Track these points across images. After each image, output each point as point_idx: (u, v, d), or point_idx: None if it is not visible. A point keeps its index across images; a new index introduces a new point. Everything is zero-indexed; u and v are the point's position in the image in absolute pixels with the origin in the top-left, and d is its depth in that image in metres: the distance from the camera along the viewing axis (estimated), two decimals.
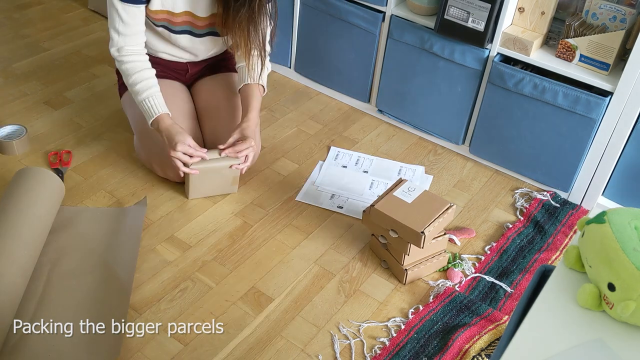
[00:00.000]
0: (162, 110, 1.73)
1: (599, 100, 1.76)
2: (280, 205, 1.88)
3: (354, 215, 1.85)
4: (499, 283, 1.69)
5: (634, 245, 0.81)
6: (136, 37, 1.71)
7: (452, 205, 1.62)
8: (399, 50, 2.08)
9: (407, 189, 1.66)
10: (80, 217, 1.73)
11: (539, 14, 1.84)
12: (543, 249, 1.80)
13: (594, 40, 1.75)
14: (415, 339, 1.52)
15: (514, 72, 1.86)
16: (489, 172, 2.09)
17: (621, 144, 1.81)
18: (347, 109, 2.32)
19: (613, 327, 0.84)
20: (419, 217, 1.58)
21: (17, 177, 1.66)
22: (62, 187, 1.71)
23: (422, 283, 1.68)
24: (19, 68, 2.37)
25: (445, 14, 1.89)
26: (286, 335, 1.51)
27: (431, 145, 2.18)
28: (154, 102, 1.72)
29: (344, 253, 1.74)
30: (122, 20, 1.65)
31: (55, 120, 2.12)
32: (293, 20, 2.29)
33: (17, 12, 2.73)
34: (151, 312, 1.52)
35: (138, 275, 1.61)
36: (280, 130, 2.18)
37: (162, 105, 1.74)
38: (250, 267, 1.67)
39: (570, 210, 1.94)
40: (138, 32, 1.70)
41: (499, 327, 1.56)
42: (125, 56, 1.71)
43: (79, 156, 1.98)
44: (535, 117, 1.89)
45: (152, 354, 1.43)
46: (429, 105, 2.12)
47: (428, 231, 1.55)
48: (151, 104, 1.72)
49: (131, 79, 1.73)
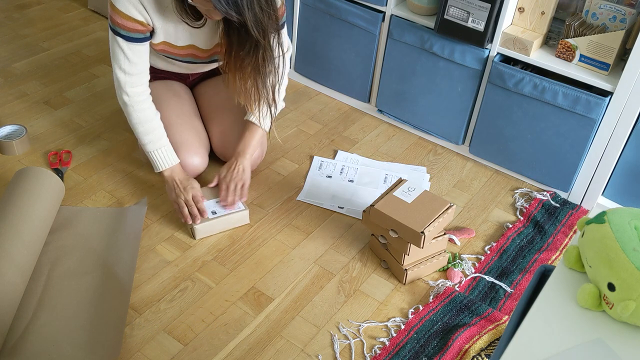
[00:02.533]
0: (173, 162, 1.74)
1: (598, 100, 1.76)
2: (280, 205, 1.88)
3: (354, 216, 1.85)
4: (499, 283, 1.69)
5: (633, 245, 0.81)
6: (142, 75, 1.66)
7: (452, 205, 1.62)
8: (399, 50, 2.08)
9: (407, 189, 1.66)
10: (79, 217, 1.73)
11: (538, 14, 1.84)
12: (543, 249, 1.80)
13: (593, 40, 1.75)
14: (415, 339, 1.52)
15: (514, 72, 1.86)
16: (488, 172, 2.09)
17: (621, 144, 1.81)
18: (346, 109, 2.32)
19: (613, 327, 0.84)
20: (418, 217, 1.57)
21: (17, 177, 1.66)
22: (62, 187, 1.71)
23: (422, 283, 1.68)
24: (19, 68, 2.37)
25: (445, 14, 1.89)
26: (286, 335, 1.51)
27: (431, 145, 2.18)
28: (165, 152, 1.72)
29: (344, 253, 1.74)
30: (128, 59, 1.60)
31: (55, 120, 2.12)
32: (293, 19, 2.29)
33: (16, 12, 2.73)
34: (151, 312, 1.53)
35: (138, 275, 1.61)
36: (280, 130, 2.18)
37: (173, 156, 1.74)
38: (250, 267, 1.67)
39: (570, 210, 1.94)
40: (143, 70, 1.65)
41: (499, 327, 1.56)
42: (136, 103, 1.66)
43: (79, 156, 1.98)
44: (535, 117, 1.89)
45: (152, 354, 1.43)
46: (429, 105, 2.12)
47: (428, 231, 1.55)
48: (162, 154, 1.72)
49: (142, 127, 1.69)
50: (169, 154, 1.73)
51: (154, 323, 1.50)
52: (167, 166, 1.73)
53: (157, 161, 1.73)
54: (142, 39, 1.60)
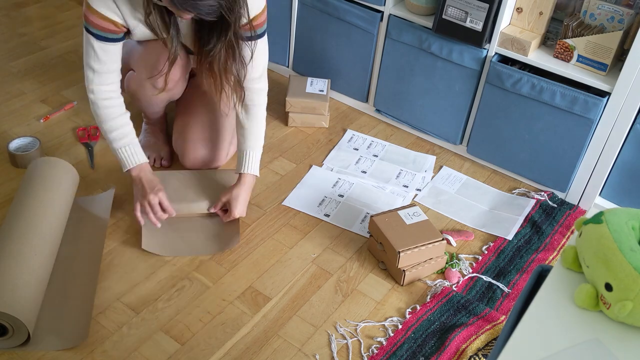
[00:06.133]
0: (141, 160, 1.68)
1: (596, 100, 1.76)
2: (277, 204, 1.87)
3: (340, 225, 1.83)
4: (496, 283, 1.69)
5: (631, 246, 0.81)
6: (111, 75, 1.63)
7: (442, 240, 1.64)
8: (397, 50, 2.08)
9: (412, 213, 1.70)
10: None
11: (537, 14, 1.84)
12: (540, 249, 1.81)
13: (591, 41, 1.76)
14: (412, 338, 1.52)
15: (512, 72, 1.86)
16: (486, 172, 2.09)
17: (618, 145, 1.81)
18: (345, 109, 2.32)
19: (610, 327, 0.84)
20: (405, 239, 1.62)
21: (34, 169, 1.68)
22: (76, 178, 1.74)
23: (420, 283, 1.68)
24: (16, 66, 2.36)
25: (444, 14, 1.89)
26: (283, 334, 1.51)
27: (429, 145, 2.18)
28: (132, 150, 1.67)
29: (342, 253, 1.74)
30: (97, 58, 1.58)
31: (52, 118, 2.11)
32: (291, 19, 2.29)
33: (14, 11, 2.73)
34: (148, 311, 1.52)
35: (135, 274, 1.61)
36: (278, 130, 2.18)
37: (141, 154, 1.69)
38: (248, 266, 1.67)
39: (567, 210, 1.94)
40: (113, 70, 1.62)
41: (496, 327, 1.56)
42: (102, 100, 1.63)
43: (75, 155, 1.97)
44: (532, 117, 1.89)
45: (149, 353, 1.43)
46: (427, 105, 2.12)
47: (405, 254, 1.59)
48: (129, 152, 1.67)
49: (106, 125, 1.65)
50: (136, 152, 1.68)
51: (151, 322, 1.50)
52: (133, 164, 1.67)
53: (124, 160, 1.67)
54: (114, 39, 1.57)
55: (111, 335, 1.46)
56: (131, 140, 1.67)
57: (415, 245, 1.61)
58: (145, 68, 1.70)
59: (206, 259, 1.68)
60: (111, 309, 1.52)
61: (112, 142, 1.66)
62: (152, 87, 1.72)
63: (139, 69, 1.72)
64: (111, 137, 1.65)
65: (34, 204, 1.56)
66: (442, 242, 1.64)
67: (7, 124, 2.07)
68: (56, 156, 1.89)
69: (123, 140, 1.66)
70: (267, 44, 1.71)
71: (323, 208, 1.87)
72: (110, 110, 1.65)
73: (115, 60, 1.61)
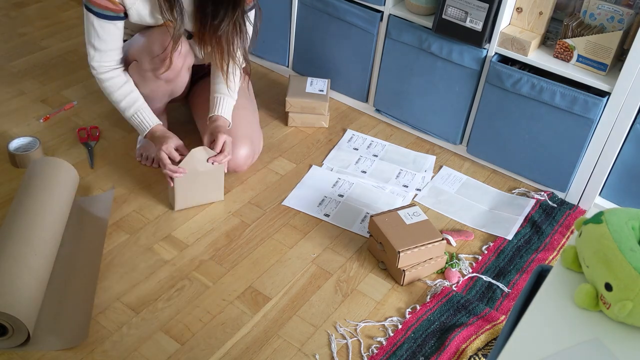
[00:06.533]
0: (154, 122, 1.75)
1: (596, 100, 1.76)
2: (277, 204, 1.87)
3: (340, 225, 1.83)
4: (496, 283, 1.69)
5: (631, 246, 0.81)
6: (112, 53, 1.69)
7: (442, 240, 1.64)
8: (397, 50, 2.08)
9: (412, 213, 1.70)
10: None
11: (536, 14, 1.84)
12: (540, 249, 1.81)
13: (591, 41, 1.76)
14: (412, 338, 1.52)
15: (512, 72, 1.86)
16: (486, 172, 2.09)
17: (618, 144, 1.81)
18: (344, 109, 2.32)
19: (610, 327, 0.84)
20: (405, 239, 1.62)
21: (35, 167, 1.68)
22: (76, 178, 1.75)
23: (419, 283, 1.68)
24: (16, 66, 2.36)
25: (443, 14, 1.89)
26: (283, 334, 1.51)
27: (429, 145, 2.18)
28: (142, 116, 1.74)
29: (341, 253, 1.74)
30: (97, 36, 1.64)
31: (52, 118, 2.11)
32: (291, 19, 2.29)
33: (14, 10, 2.73)
34: (148, 311, 1.52)
35: (135, 274, 1.61)
36: (278, 130, 2.18)
37: (153, 117, 1.76)
38: (247, 266, 1.67)
39: (567, 210, 1.94)
40: (114, 48, 1.68)
41: (496, 327, 1.56)
42: (103, 74, 1.70)
43: (76, 155, 1.97)
44: (532, 117, 1.89)
45: (149, 353, 1.43)
46: (427, 105, 2.12)
47: (405, 253, 1.59)
48: (142, 117, 1.74)
49: (114, 96, 1.73)
50: (145, 117, 1.74)
51: (150, 322, 1.50)
52: (147, 129, 1.74)
53: (138, 127, 1.75)
54: (114, 18, 1.62)
55: (111, 335, 1.46)
56: (140, 106, 1.74)
57: (415, 245, 1.61)
58: (146, 52, 1.70)
59: (206, 259, 1.68)
60: (111, 309, 1.52)
61: (124, 112, 1.74)
62: (154, 75, 1.72)
63: (141, 55, 1.71)
64: (121, 106, 1.74)
65: (34, 204, 1.56)
66: (442, 242, 1.64)
67: (7, 124, 2.07)
68: (56, 156, 1.89)
69: (132, 108, 1.73)
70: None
71: (323, 208, 1.87)
72: (114, 81, 1.71)
73: (115, 39, 1.67)
